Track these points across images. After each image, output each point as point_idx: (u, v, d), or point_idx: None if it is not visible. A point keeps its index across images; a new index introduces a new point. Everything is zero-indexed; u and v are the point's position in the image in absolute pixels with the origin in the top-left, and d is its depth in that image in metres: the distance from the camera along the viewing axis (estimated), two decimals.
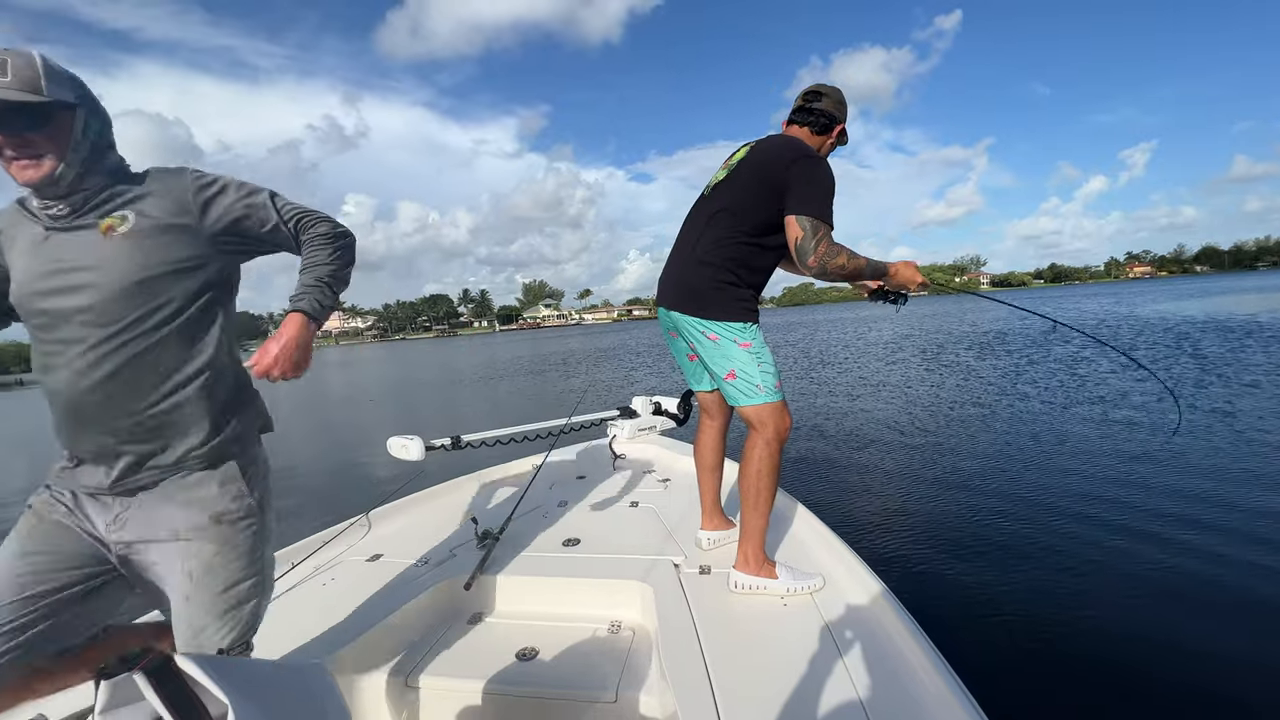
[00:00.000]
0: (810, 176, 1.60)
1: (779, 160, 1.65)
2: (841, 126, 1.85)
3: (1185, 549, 3.17)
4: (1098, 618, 2.62)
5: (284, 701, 0.71)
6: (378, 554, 2.02)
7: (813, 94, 1.84)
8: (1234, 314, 18.20)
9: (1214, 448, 4.84)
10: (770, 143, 1.75)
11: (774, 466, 1.67)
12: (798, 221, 1.58)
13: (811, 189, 1.59)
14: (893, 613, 1.41)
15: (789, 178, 1.61)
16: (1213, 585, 2.80)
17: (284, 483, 6.64)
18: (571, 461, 3.08)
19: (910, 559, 3.33)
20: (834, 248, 1.58)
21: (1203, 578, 2.88)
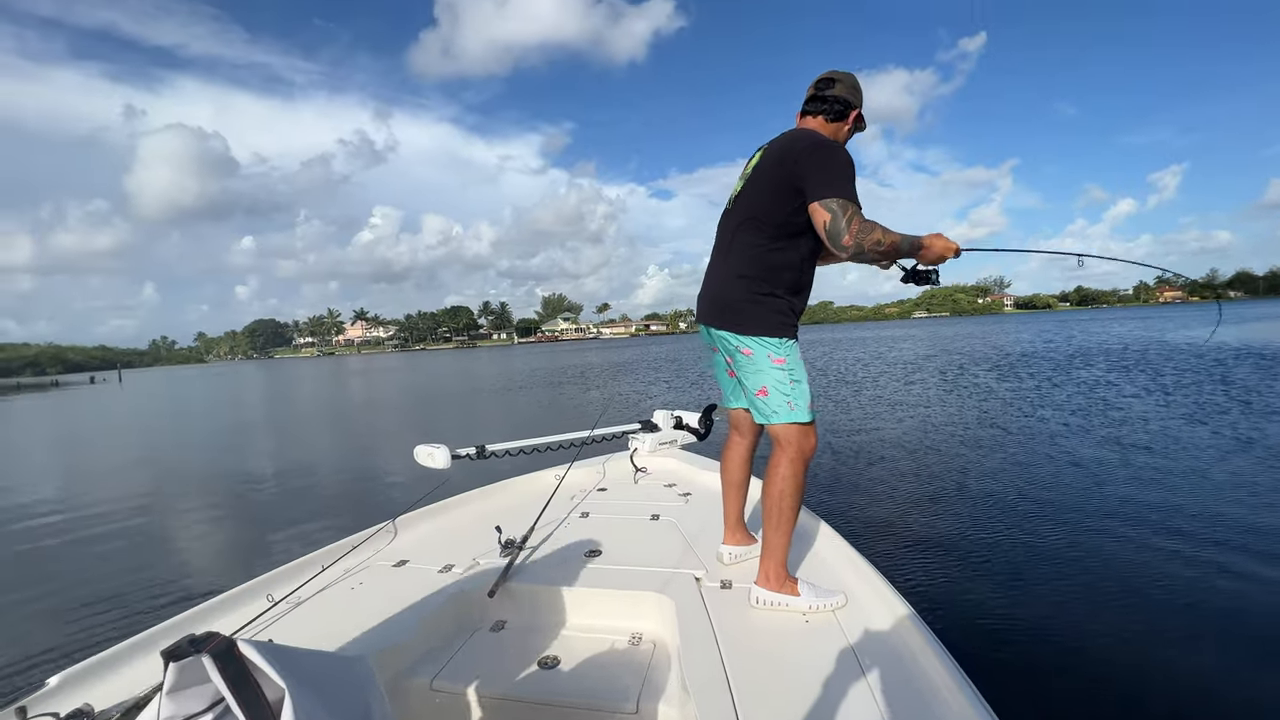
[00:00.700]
0: (825, 161, 1.55)
1: (790, 154, 1.61)
2: (858, 111, 1.78)
3: (1211, 569, 3.11)
4: (1126, 642, 2.57)
5: (335, 689, 0.75)
6: (404, 560, 2.06)
7: (825, 81, 1.78)
8: (1268, 341, 17.64)
9: (1236, 471, 4.71)
10: (780, 140, 1.71)
11: (798, 486, 1.66)
12: (823, 205, 1.51)
13: (829, 172, 1.53)
14: (917, 632, 1.40)
15: (803, 169, 1.56)
16: (1241, 610, 2.73)
17: (314, 486, 6.77)
18: (593, 473, 3.11)
19: (933, 578, 3.29)
20: (867, 224, 1.49)
21: (1230, 600, 2.80)
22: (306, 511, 5.61)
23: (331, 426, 12.80)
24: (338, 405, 17.59)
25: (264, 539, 4.86)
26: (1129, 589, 3.06)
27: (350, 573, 1.97)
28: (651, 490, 2.81)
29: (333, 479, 7.17)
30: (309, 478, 7.24)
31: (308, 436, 11.40)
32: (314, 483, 6.96)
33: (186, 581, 3.98)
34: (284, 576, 1.89)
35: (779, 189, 1.62)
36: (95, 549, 4.87)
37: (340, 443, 10.32)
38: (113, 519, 5.76)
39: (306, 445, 10.12)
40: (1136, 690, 2.26)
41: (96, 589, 3.92)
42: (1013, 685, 2.29)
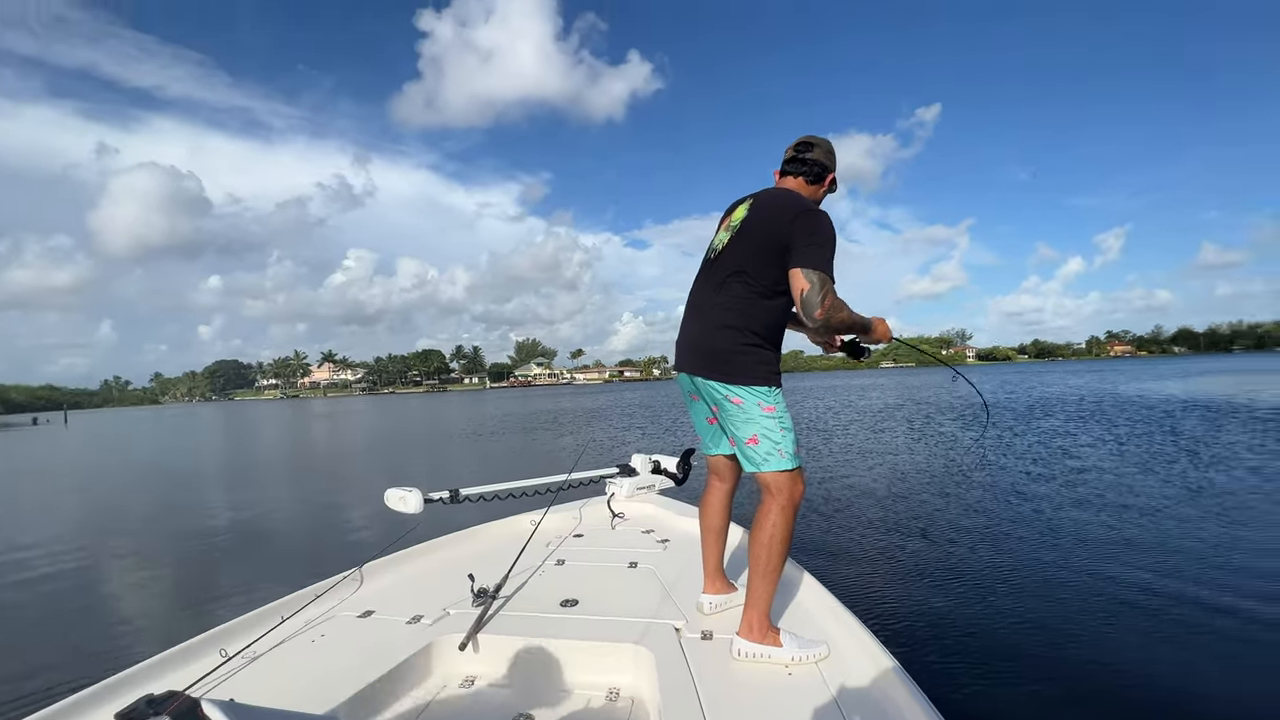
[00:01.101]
0: (813, 230, 1.64)
1: (782, 216, 1.69)
2: (833, 175, 1.91)
3: (1174, 616, 3.16)
4: (1102, 688, 2.56)
5: None
6: (370, 610, 1.96)
7: (804, 145, 1.89)
8: (1211, 394, 18.58)
9: (1186, 519, 4.86)
10: (770, 198, 1.78)
11: (788, 534, 1.66)
12: (804, 275, 1.61)
13: (815, 243, 1.63)
14: (900, 683, 1.39)
15: (793, 232, 1.65)
16: (1210, 638, 2.76)
17: (273, 533, 6.43)
18: (570, 519, 3.04)
19: (911, 625, 3.27)
20: (838, 302, 1.62)
21: (1190, 639, 2.84)
22: (264, 560, 5.31)
23: (293, 470, 12.28)
24: (301, 448, 16.94)
25: (217, 590, 4.54)
26: (1096, 634, 3.09)
27: (312, 624, 1.86)
28: (629, 537, 2.75)
29: (294, 525, 6.83)
30: (268, 524, 6.87)
31: (266, 481, 10.89)
32: (273, 529, 6.62)
33: (126, 637, 3.69)
34: (239, 629, 1.78)
35: (770, 247, 1.69)
36: (17, 599, 4.50)
37: (302, 487, 9.88)
38: (41, 566, 5.36)
39: (265, 490, 9.66)
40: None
41: (25, 644, 3.60)
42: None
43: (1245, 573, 3.84)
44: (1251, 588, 3.59)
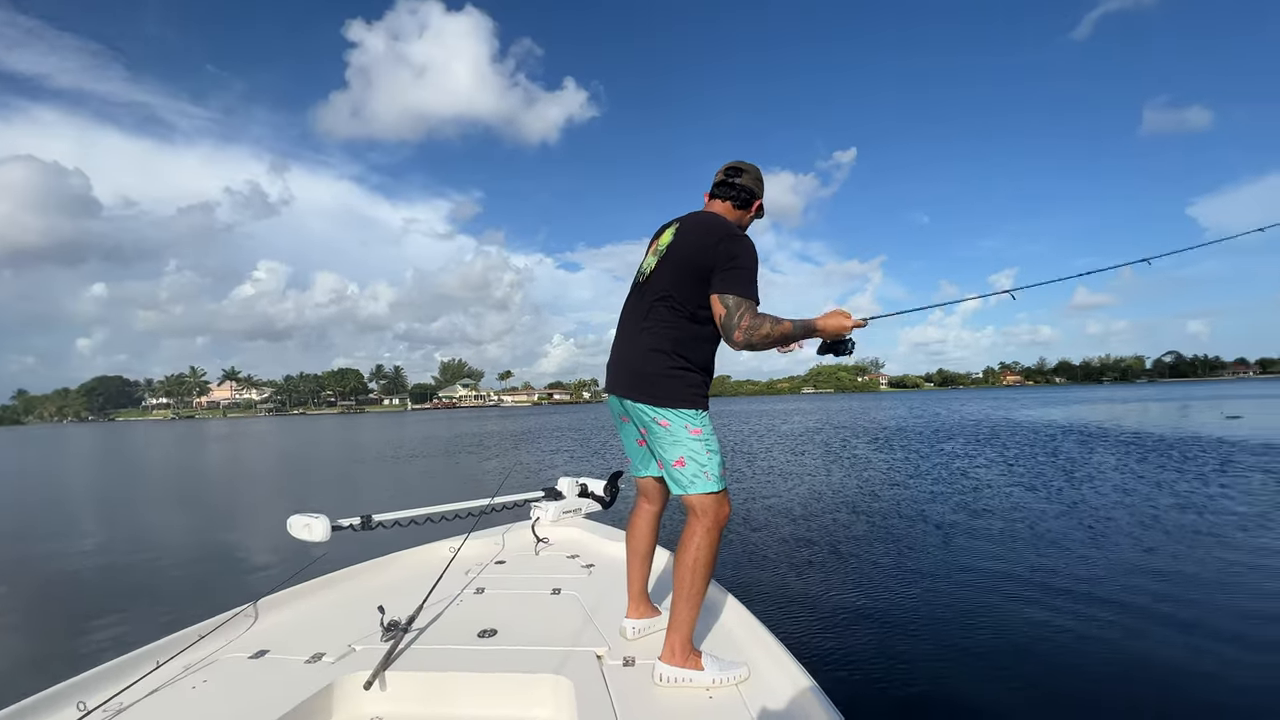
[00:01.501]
0: (733, 255, 1.67)
1: (705, 242, 1.71)
2: (759, 202, 1.94)
3: (1069, 619, 3.45)
4: (1006, 694, 2.72)
5: None
6: (263, 650, 1.78)
7: (734, 170, 1.91)
8: (1086, 420, 20.74)
9: (1062, 531, 5.38)
10: (695, 223, 1.80)
11: (711, 556, 1.67)
12: (720, 300, 1.65)
13: (734, 268, 1.66)
14: (816, 702, 1.42)
15: (715, 259, 1.67)
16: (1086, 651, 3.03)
17: (154, 571, 5.75)
18: (492, 545, 2.92)
19: (830, 641, 3.38)
20: (757, 320, 1.63)
21: (1079, 644, 3.11)
22: (139, 602, 4.70)
23: (179, 499, 11.12)
24: (190, 474, 15.39)
25: (79, 639, 3.97)
26: (998, 640, 3.33)
27: (192, 669, 1.67)
28: (553, 562, 2.68)
29: (177, 561, 6.12)
30: (144, 561, 6.12)
31: (145, 512, 9.78)
32: (151, 567, 5.90)
33: None
34: (101, 679, 1.57)
35: (694, 272, 1.72)
36: None
37: (189, 518, 8.92)
38: None
39: (142, 522, 8.65)
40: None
41: None
42: None
43: (1112, 574, 4.27)
44: (1117, 583, 4.05)
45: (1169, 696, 2.81)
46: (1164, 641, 3.33)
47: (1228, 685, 2.85)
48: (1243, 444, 12.23)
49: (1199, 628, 3.49)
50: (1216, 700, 2.75)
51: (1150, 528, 5.84)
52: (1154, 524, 5.98)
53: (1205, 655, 3.16)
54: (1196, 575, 4.38)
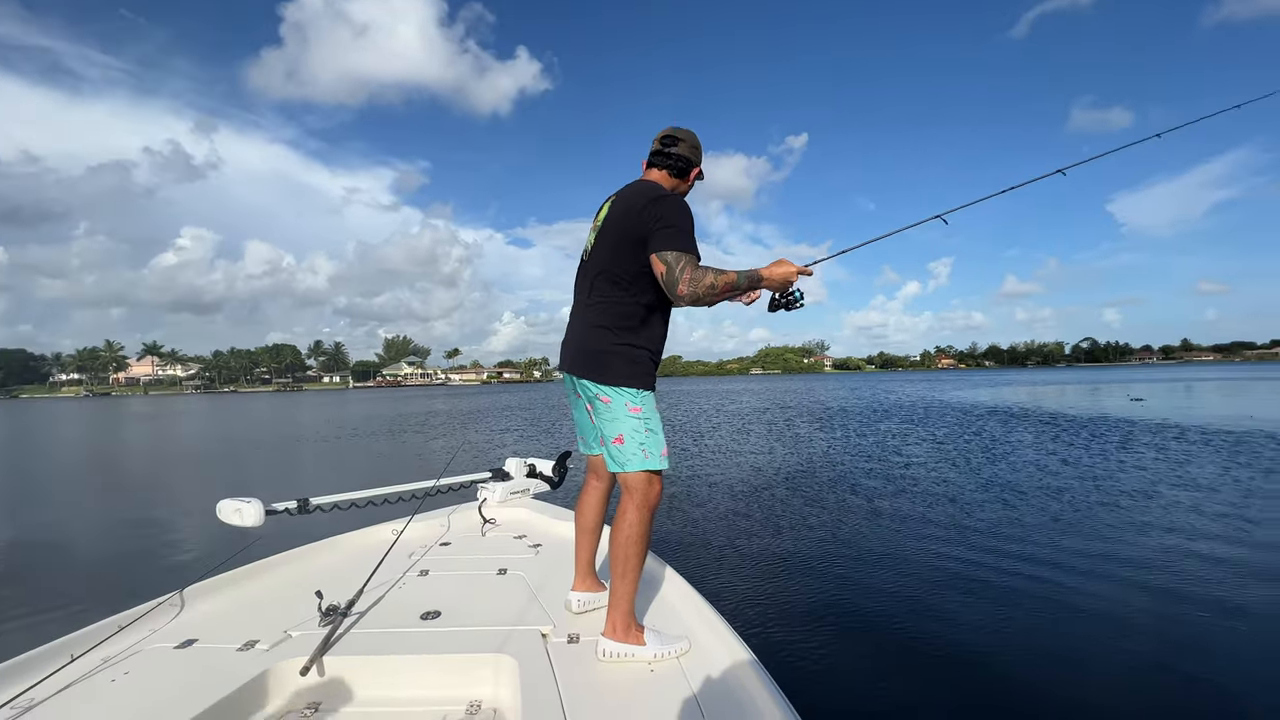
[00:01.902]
0: (662, 215, 1.67)
1: (633, 210, 1.71)
2: (698, 169, 1.93)
3: (996, 586, 3.73)
4: (944, 679, 2.90)
5: None
6: (191, 639, 1.71)
7: (669, 138, 1.90)
8: (1010, 402, 22.18)
9: (978, 503, 5.80)
10: (627, 195, 1.80)
11: (645, 533, 1.70)
12: (659, 259, 1.64)
13: (666, 226, 1.65)
14: (752, 672, 1.49)
15: (645, 223, 1.67)
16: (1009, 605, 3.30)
17: (65, 560, 5.36)
18: (437, 527, 2.88)
19: (767, 614, 3.54)
20: (699, 271, 1.63)
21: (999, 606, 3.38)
22: (48, 594, 4.37)
23: (94, 482, 10.39)
24: (106, 456, 14.37)
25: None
26: (920, 605, 3.56)
27: (111, 661, 1.59)
28: (500, 543, 2.68)
29: (93, 549, 5.74)
30: (54, 549, 5.71)
31: (53, 496, 9.09)
32: (62, 556, 5.51)
33: None
34: (10, 674, 1.47)
35: (628, 242, 1.72)
36: None
37: (106, 502, 8.34)
38: None
39: (50, 507, 8.05)
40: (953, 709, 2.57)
41: None
42: (835, 715, 2.49)
43: (1026, 544, 4.64)
44: (1030, 554, 4.40)
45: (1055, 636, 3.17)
46: (1055, 593, 3.70)
47: (1109, 629, 3.17)
48: (1143, 424, 13.39)
49: (1091, 581, 3.92)
50: (1096, 635, 3.05)
51: (1056, 498, 6.40)
52: (1059, 495, 6.55)
53: (1091, 604, 3.56)
54: (1091, 537, 4.80)
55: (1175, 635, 3.24)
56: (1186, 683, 2.76)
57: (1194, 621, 3.38)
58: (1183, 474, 7.58)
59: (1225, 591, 3.75)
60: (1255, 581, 3.89)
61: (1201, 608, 3.54)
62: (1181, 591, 3.79)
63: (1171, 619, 3.43)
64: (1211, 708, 2.58)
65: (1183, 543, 4.75)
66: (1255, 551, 4.49)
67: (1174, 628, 3.32)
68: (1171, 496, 6.36)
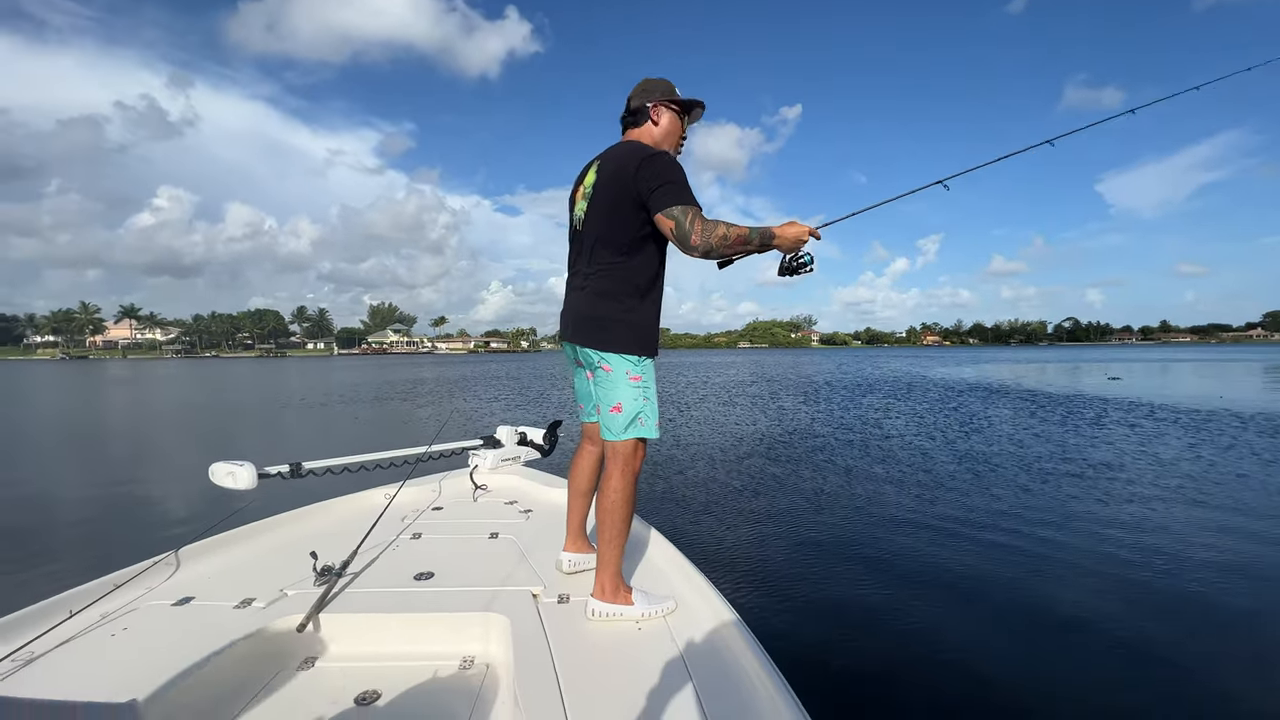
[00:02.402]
0: (656, 173, 1.64)
1: (624, 173, 1.68)
2: (662, 104, 1.85)
3: (967, 553, 3.87)
4: (917, 636, 3.02)
5: None
6: (187, 597, 1.75)
7: (630, 100, 1.88)
8: (992, 379, 22.58)
9: (953, 474, 5.98)
10: (613, 157, 1.76)
11: (630, 497, 1.75)
12: (665, 216, 1.61)
13: (663, 184, 1.62)
14: (736, 631, 1.55)
15: (640, 184, 1.64)
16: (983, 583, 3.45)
17: (58, 521, 5.34)
18: (429, 492, 2.92)
19: (751, 575, 3.66)
20: (709, 224, 1.60)
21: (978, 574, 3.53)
22: (41, 554, 4.38)
23: (81, 445, 10.29)
24: (91, 419, 14.20)
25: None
26: (897, 572, 3.69)
27: (109, 617, 1.62)
28: (491, 508, 2.73)
29: (85, 510, 5.71)
30: (46, 511, 5.68)
31: (39, 458, 9.01)
32: (55, 517, 5.49)
33: None
34: (9, 629, 1.50)
35: (623, 206, 1.70)
36: None
37: (95, 465, 8.29)
38: None
39: (38, 469, 7.99)
40: (931, 680, 2.65)
41: None
42: (822, 677, 2.61)
43: (993, 510, 4.80)
44: (997, 520, 4.57)
45: (1022, 597, 3.34)
46: (1017, 554, 3.85)
47: (1071, 596, 3.33)
48: (1117, 402, 13.72)
49: (1053, 544, 4.12)
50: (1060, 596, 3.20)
51: (1026, 468, 6.65)
52: (1029, 465, 6.80)
53: (1049, 564, 3.74)
54: (1057, 510, 4.98)
55: (1125, 591, 3.45)
56: (1135, 636, 2.92)
57: (1139, 579, 3.62)
58: (1149, 449, 7.83)
59: (1173, 550, 3.98)
60: (1200, 546, 4.09)
61: (1145, 566, 3.77)
62: (1131, 553, 4.02)
63: (1122, 577, 3.64)
64: (1160, 657, 2.73)
65: (1140, 510, 4.97)
66: (1206, 518, 4.70)
67: (1125, 585, 3.53)
68: (1136, 469, 6.58)
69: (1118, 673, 2.67)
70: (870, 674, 2.65)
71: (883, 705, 2.46)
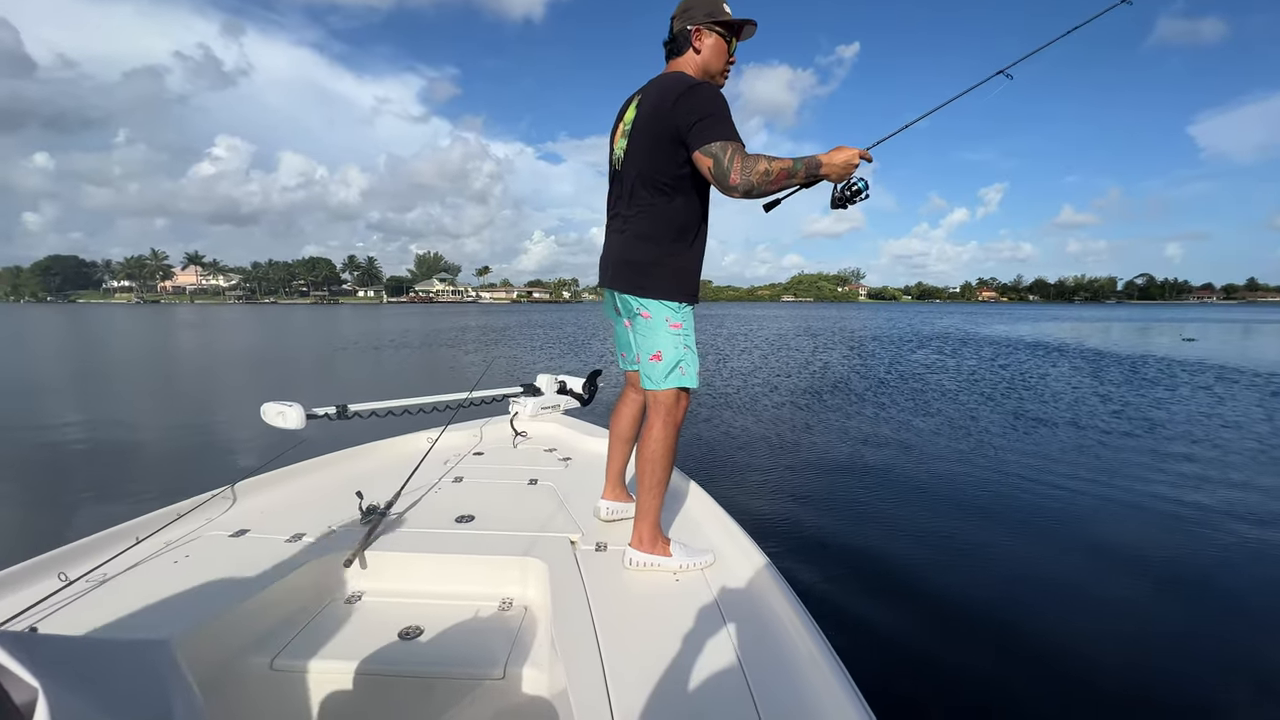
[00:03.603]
0: (695, 107, 1.53)
1: (662, 108, 1.58)
2: (714, 25, 1.68)
3: (1013, 515, 3.74)
4: (960, 595, 2.96)
5: (113, 682, 0.62)
6: (243, 529, 1.83)
7: (671, 22, 1.73)
8: (1053, 337, 21.43)
9: (1008, 435, 5.73)
10: (652, 91, 1.65)
11: (671, 448, 1.71)
12: (704, 152, 1.51)
13: (703, 117, 1.52)
14: (775, 586, 1.51)
15: (679, 119, 1.54)
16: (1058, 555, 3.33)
17: (130, 451, 5.79)
18: (470, 437, 2.97)
19: (793, 534, 3.62)
20: (750, 159, 1.49)
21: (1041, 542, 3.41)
22: (116, 481, 4.75)
23: (154, 383, 11.03)
24: (163, 359, 15.16)
25: (57, 515, 4.04)
26: (956, 546, 3.57)
27: (173, 545, 1.71)
28: (531, 455, 2.75)
29: (153, 443, 6.17)
30: (120, 442, 6.15)
31: (120, 394, 9.71)
32: (128, 447, 5.95)
33: None
34: (82, 552, 1.60)
35: (662, 143, 1.59)
36: None
37: (165, 401, 8.89)
38: None
39: (119, 404, 8.60)
40: (977, 643, 2.58)
41: None
42: (861, 634, 2.59)
43: (1043, 471, 4.60)
44: (1045, 480, 4.37)
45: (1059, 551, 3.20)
46: (1064, 515, 3.68)
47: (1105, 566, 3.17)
48: (1197, 364, 12.81)
49: (1101, 506, 3.93)
50: None
51: (1078, 428, 6.26)
52: (1082, 426, 6.41)
53: (1096, 526, 3.58)
54: (1112, 475, 4.73)
55: (1173, 556, 3.28)
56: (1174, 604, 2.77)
57: (1187, 552, 3.42)
58: (1217, 413, 7.30)
59: (1230, 524, 3.70)
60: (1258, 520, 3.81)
61: (1201, 537, 3.51)
62: (1183, 520, 3.79)
63: (1170, 545, 3.43)
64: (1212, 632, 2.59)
65: (1200, 472, 4.66)
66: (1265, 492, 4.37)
67: (1168, 556, 3.35)
68: (1203, 433, 6.15)
69: (1135, 625, 2.55)
70: (912, 640, 2.60)
71: (923, 675, 2.42)
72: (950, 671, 2.38)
